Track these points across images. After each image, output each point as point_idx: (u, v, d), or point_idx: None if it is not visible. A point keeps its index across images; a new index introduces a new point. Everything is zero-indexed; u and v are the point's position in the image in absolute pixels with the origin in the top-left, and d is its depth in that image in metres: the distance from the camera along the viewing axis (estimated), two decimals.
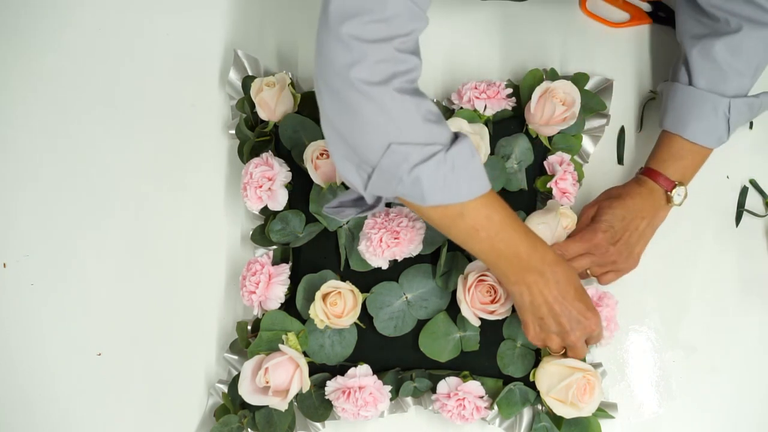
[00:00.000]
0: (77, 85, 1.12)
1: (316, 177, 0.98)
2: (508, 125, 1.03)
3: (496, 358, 0.97)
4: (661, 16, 1.10)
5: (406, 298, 0.98)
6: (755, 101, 0.95)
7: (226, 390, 1.01)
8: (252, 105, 1.05)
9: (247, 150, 1.04)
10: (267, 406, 0.95)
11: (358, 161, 0.78)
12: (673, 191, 0.95)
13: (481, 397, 0.95)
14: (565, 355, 0.93)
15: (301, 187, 1.01)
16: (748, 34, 0.91)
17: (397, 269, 0.98)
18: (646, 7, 1.10)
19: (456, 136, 0.80)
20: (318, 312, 0.93)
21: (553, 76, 1.04)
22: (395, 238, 0.94)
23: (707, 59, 0.94)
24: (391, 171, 0.77)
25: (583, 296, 0.88)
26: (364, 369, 0.95)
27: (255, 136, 1.03)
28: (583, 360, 0.93)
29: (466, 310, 0.93)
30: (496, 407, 0.96)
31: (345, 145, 0.78)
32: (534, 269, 0.85)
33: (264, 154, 1.00)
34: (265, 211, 1.02)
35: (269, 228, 1.00)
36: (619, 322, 1.03)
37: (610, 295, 0.97)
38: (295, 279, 0.99)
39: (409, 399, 0.98)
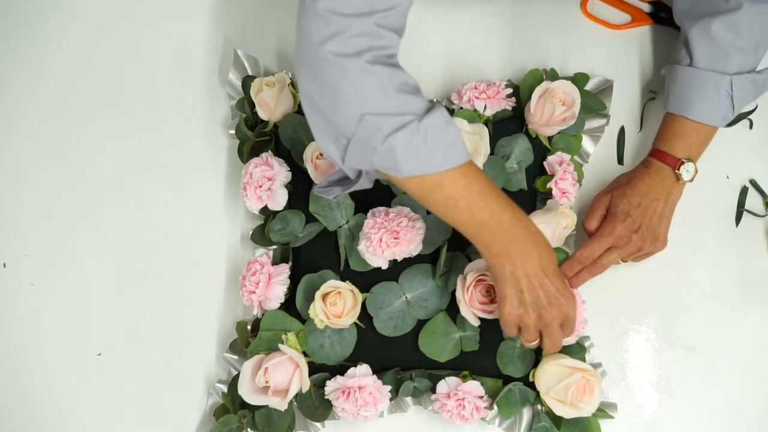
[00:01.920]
0: (77, 86, 1.12)
1: (316, 177, 0.98)
2: (508, 125, 1.04)
3: (496, 358, 0.97)
4: (662, 16, 1.10)
5: (406, 298, 0.98)
6: (759, 77, 0.94)
7: (225, 390, 1.01)
8: (252, 105, 1.05)
9: (247, 150, 1.04)
10: (267, 406, 0.95)
11: (334, 134, 0.79)
12: (681, 168, 0.95)
13: (481, 397, 0.95)
14: (540, 349, 0.92)
15: (301, 187, 1.01)
16: (747, 10, 0.91)
17: (396, 269, 0.98)
18: (647, 7, 1.10)
19: (432, 107, 0.80)
20: (318, 312, 0.93)
21: (553, 76, 1.04)
22: (395, 238, 0.94)
23: (706, 38, 0.93)
24: (365, 142, 0.77)
25: (561, 276, 0.87)
26: (363, 369, 0.95)
27: (255, 136, 1.03)
28: (564, 353, 0.93)
29: (465, 310, 0.93)
30: (495, 407, 0.96)
31: (322, 118, 0.79)
32: (516, 240, 0.83)
33: (264, 154, 1.00)
34: (264, 211, 1.02)
35: (269, 228, 1.00)
36: (620, 322, 1.03)
37: (578, 293, 0.96)
38: (294, 279, 0.99)
39: (408, 399, 0.98)
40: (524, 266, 0.84)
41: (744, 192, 1.05)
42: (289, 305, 0.99)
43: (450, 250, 0.98)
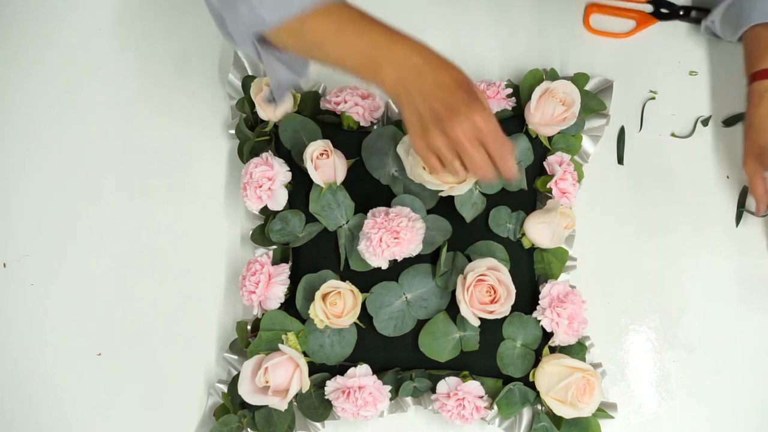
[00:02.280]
0: (77, 85, 1.12)
1: (316, 177, 0.98)
2: (508, 125, 1.03)
3: (496, 358, 0.97)
4: (665, 12, 1.09)
5: (406, 298, 0.98)
6: None
7: (225, 390, 1.01)
8: (252, 105, 1.05)
9: (247, 150, 1.04)
10: (267, 406, 0.95)
11: (217, 14, 0.80)
12: None
13: (481, 397, 0.95)
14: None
15: (301, 187, 1.01)
16: None
17: (397, 269, 0.98)
18: (648, 7, 1.10)
19: None
20: (318, 312, 0.93)
21: (553, 76, 1.04)
22: (395, 238, 0.94)
23: None
24: (230, 4, 0.77)
25: (464, 87, 0.79)
26: (363, 369, 0.95)
27: (255, 136, 1.03)
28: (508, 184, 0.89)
29: (465, 310, 0.93)
30: (495, 407, 0.96)
31: (207, 3, 0.80)
32: (400, 60, 0.78)
33: (264, 154, 1.00)
34: (264, 211, 1.02)
35: (269, 228, 1.00)
36: (620, 322, 1.03)
37: (577, 292, 0.96)
38: (294, 279, 0.99)
39: (408, 399, 0.98)
40: (417, 84, 0.78)
41: (744, 192, 1.05)
42: (289, 305, 0.99)
43: (450, 250, 0.98)
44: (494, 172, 0.81)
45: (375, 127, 1.04)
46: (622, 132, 1.08)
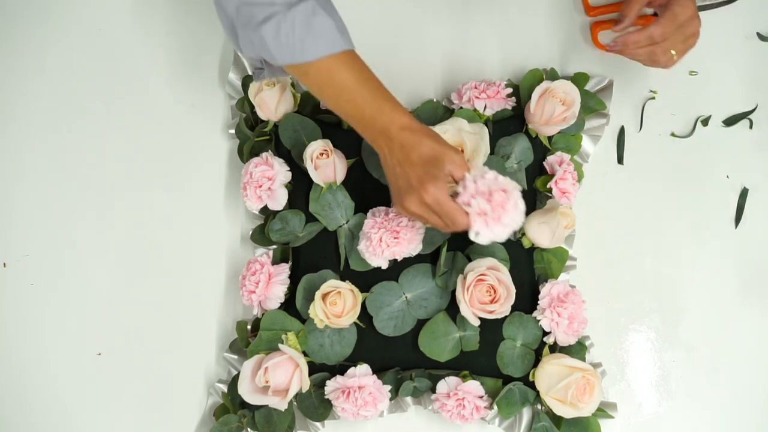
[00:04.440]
0: (77, 86, 1.12)
1: (316, 177, 0.98)
2: (508, 125, 1.04)
3: (496, 358, 0.97)
4: None
5: (406, 297, 0.98)
6: None
7: (225, 389, 1.01)
8: (252, 105, 1.05)
9: (247, 150, 1.04)
10: (267, 406, 0.95)
11: (229, 24, 0.85)
12: None
13: (481, 397, 0.95)
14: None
15: (301, 187, 1.02)
16: None
17: (396, 269, 0.98)
18: (649, 10, 1.10)
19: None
20: (318, 312, 0.93)
21: (553, 76, 1.04)
22: (395, 238, 0.94)
23: None
24: (246, 30, 0.83)
25: (428, 165, 0.83)
26: (363, 369, 0.95)
27: (255, 136, 1.03)
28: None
29: (465, 310, 0.93)
30: (495, 407, 0.96)
31: (219, 8, 0.85)
32: (382, 132, 0.84)
33: (264, 154, 1.00)
34: (264, 210, 1.02)
35: (269, 228, 1.00)
36: (620, 322, 1.03)
37: (577, 292, 0.96)
38: (294, 279, 0.99)
39: (408, 399, 0.98)
40: (391, 157, 0.85)
41: (744, 194, 1.05)
42: (289, 305, 0.99)
43: (450, 250, 0.98)
44: (451, 230, 0.86)
45: None
46: (622, 132, 1.08)
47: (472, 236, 0.84)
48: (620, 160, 1.07)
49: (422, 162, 0.83)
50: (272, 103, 1.02)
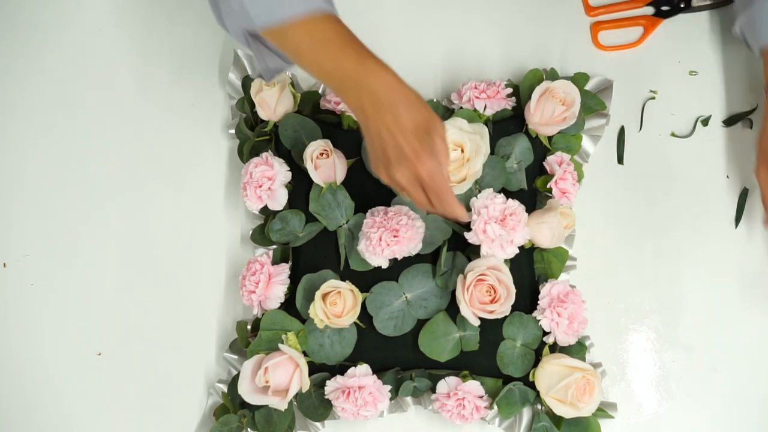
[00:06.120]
0: (77, 85, 1.12)
1: (316, 177, 0.98)
2: (508, 125, 1.04)
3: (496, 358, 0.97)
4: (666, 9, 1.09)
5: (406, 297, 0.98)
6: None
7: (225, 389, 1.01)
8: (252, 105, 1.05)
9: (247, 150, 1.04)
10: (266, 406, 0.95)
11: None
12: None
13: (481, 397, 0.95)
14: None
15: (301, 187, 1.01)
16: None
17: (396, 269, 0.98)
18: (649, 10, 1.10)
19: None
20: (318, 312, 0.93)
21: (553, 76, 1.04)
22: (395, 237, 0.94)
23: None
24: None
25: (421, 134, 0.78)
26: (363, 369, 0.95)
27: (255, 136, 1.03)
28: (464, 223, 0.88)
29: (465, 310, 0.93)
30: (495, 407, 0.96)
31: None
32: (368, 92, 0.78)
33: (264, 154, 1.00)
34: (264, 210, 1.02)
35: (269, 228, 1.00)
36: (620, 322, 1.03)
37: (577, 292, 0.96)
38: (294, 279, 0.99)
39: (408, 399, 0.98)
40: (377, 121, 0.78)
41: (744, 194, 1.05)
42: (289, 305, 0.99)
43: (450, 250, 0.98)
44: (435, 211, 0.82)
45: None
46: (622, 132, 1.08)
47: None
48: (620, 160, 1.07)
49: (416, 129, 0.78)
50: (272, 103, 1.02)
